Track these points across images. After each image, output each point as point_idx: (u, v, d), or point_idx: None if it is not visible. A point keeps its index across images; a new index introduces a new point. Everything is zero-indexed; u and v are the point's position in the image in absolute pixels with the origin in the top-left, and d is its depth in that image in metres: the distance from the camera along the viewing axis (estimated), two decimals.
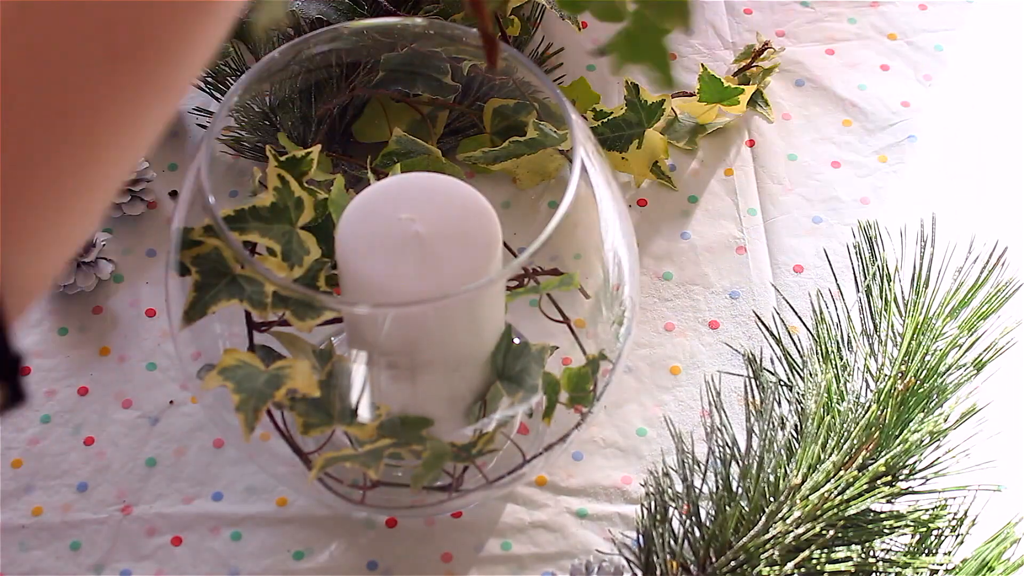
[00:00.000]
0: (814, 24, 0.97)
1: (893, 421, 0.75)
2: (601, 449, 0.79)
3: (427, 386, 0.70)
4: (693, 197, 0.88)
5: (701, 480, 0.73)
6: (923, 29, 0.96)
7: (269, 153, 0.69)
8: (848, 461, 0.73)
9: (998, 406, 0.78)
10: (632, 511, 0.77)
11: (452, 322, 0.67)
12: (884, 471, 0.73)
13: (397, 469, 0.73)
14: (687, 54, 0.95)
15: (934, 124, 0.92)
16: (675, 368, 0.82)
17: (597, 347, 0.71)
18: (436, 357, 0.69)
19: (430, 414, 0.68)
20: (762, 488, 0.72)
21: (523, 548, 0.76)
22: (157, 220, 0.88)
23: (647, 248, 0.86)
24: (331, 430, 0.67)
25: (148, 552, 0.75)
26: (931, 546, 0.73)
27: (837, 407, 0.75)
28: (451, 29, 0.75)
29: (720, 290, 0.85)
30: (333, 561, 0.75)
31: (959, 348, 0.78)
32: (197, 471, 0.78)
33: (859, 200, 0.88)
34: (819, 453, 0.73)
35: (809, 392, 0.76)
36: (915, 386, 0.76)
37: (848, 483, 0.72)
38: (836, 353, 0.78)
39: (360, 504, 0.73)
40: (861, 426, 0.73)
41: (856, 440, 0.73)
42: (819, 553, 0.70)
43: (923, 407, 0.76)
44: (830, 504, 0.71)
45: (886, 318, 0.79)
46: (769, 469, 0.73)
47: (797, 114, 0.92)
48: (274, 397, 0.66)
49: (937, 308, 0.79)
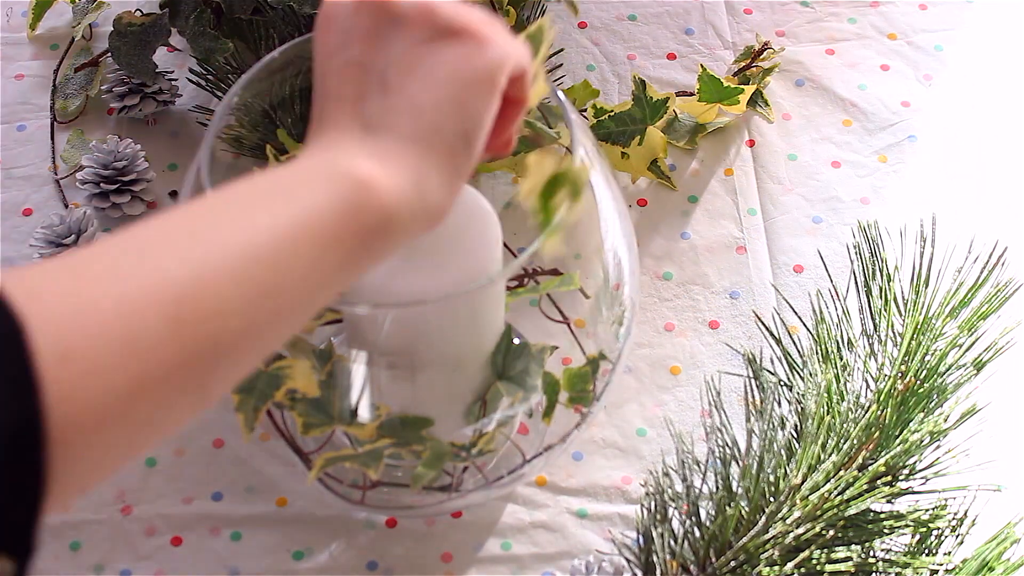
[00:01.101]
0: (814, 24, 0.97)
1: (893, 421, 0.75)
2: (601, 449, 0.79)
3: (427, 386, 0.70)
4: (693, 197, 0.88)
5: (701, 480, 0.73)
6: (923, 29, 0.96)
7: (269, 152, 0.69)
8: (848, 461, 0.73)
9: (998, 406, 0.78)
10: (632, 511, 0.77)
11: (452, 322, 0.67)
12: (884, 471, 0.73)
13: (397, 469, 0.73)
14: (687, 54, 0.95)
15: (934, 124, 0.92)
16: (675, 368, 0.82)
17: (597, 347, 0.71)
18: (436, 357, 0.69)
19: (430, 414, 0.68)
20: (762, 488, 0.72)
21: (523, 548, 0.76)
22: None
23: (647, 248, 0.86)
24: (331, 430, 0.67)
25: (148, 552, 0.75)
26: (931, 546, 0.73)
27: (837, 407, 0.75)
28: None
29: (720, 290, 0.85)
30: (333, 561, 0.75)
31: (959, 348, 0.78)
32: (197, 471, 0.78)
33: (859, 200, 0.88)
34: (819, 453, 0.73)
35: (809, 392, 0.76)
36: (915, 386, 0.76)
37: (848, 483, 0.71)
38: (836, 353, 0.78)
39: (360, 504, 0.73)
40: (861, 426, 0.73)
41: (856, 440, 0.73)
42: (819, 553, 0.70)
43: (923, 407, 0.76)
44: (830, 504, 0.71)
45: (886, 318, 0.79)
46: (769, 469, 0.73)
47: (797, 114, 0.92)
48: (274, 397, 0.66)
49: (937, 308, 0.79)
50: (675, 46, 0.96)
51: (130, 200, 0.87)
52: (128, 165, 0.87)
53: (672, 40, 0.96)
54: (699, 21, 0.97)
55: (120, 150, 0.87)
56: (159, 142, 0.91)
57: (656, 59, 0.95)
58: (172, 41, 0.92)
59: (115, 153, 0.87)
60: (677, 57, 0.95)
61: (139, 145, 0.88)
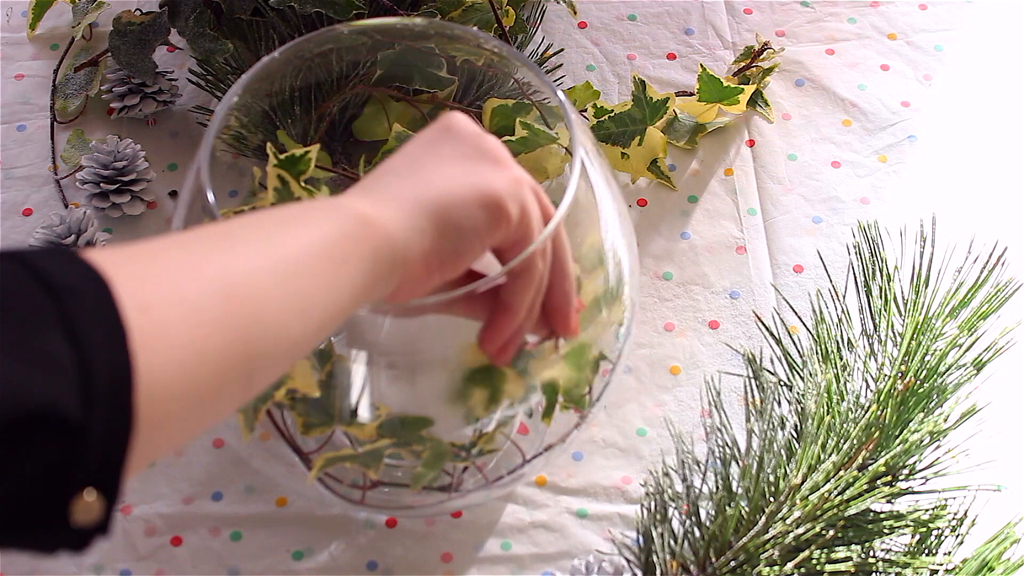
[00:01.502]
0: (814, 24, 0.97)
1: (893, 421, 0.75)
2: (601, 449, 0.79)
3: (427, 386, 0.70)
4: (693, 197, 0.88)
5: (701, 480, 0.73)
6: (923, 29, 0.96)
7: (270, 151, 0.69)
8: (848, 461, 0.73)
9: (998, 406, 0.78)
10: (632, 511, 0.77)
11: (452, 322, 0.67)
12: (884, 471, 0.73)
13: (397, 469, 0.73)
14: (687, 54, 0.95)
15: (934, 124, 0.92)
16: (675, 368, 0.82)
17: (597, 347, 0.71)
18: (436, 357, 0.69)
19: (430, 414, 0.68)
20: (762, 488, 0.72)
21: (523, 548, 0.76)
22: (157, 220, 0.88)
23: (647, 248, 0.86)
24: (331, 430, 0.67)
25: (148, 552, 0.75)
26: (931, 546, 0.73)
27: (837, 407, 0.75)
28: (450, 29, 0.74)
29: (720, 290, 0.85)
30: (333, 561, 0.75)
31: (959, 348, 0.78)
32: (197, 471, 0.78)
33: (859, 200, 0.88)
34: (819, 453, 0.73)
35: (809, 392, 0.76)
36: (915, 386, 0.76)
37: (848, 483, 0.71)
38: (836, 353, 0.78)
39: (360, 504, 0.73)
40: (861, 426, 0.73)
41: (856, 440, 0.73)
42: (819, 553, 0.70)
43: (923, 407, 0.76)
44: (830, 504, 0.71)
45: (886, 318, 0.79)
46: (769, 469, 0.73)
47: (797, 114, 0.92)
48: (274, 397, 0.66)
49: (937, 308, 0.79)
50: (675, 46, 0.96)
51: (130, 200, 0.87)
52: (128, 165, 0.87)
53: (672, 40, 0.96)
54: (699, 21, 0.97)
55: (120, 150, 0.87)
56: (159, 142, 0.91)
57: (656, 59, 0.95)
58: (172, 40, 0.92)
59: (115, 153, 0.87)
60: (677, 57, 0.95)
61: (139, 145, 0.88)
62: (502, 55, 0.75)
